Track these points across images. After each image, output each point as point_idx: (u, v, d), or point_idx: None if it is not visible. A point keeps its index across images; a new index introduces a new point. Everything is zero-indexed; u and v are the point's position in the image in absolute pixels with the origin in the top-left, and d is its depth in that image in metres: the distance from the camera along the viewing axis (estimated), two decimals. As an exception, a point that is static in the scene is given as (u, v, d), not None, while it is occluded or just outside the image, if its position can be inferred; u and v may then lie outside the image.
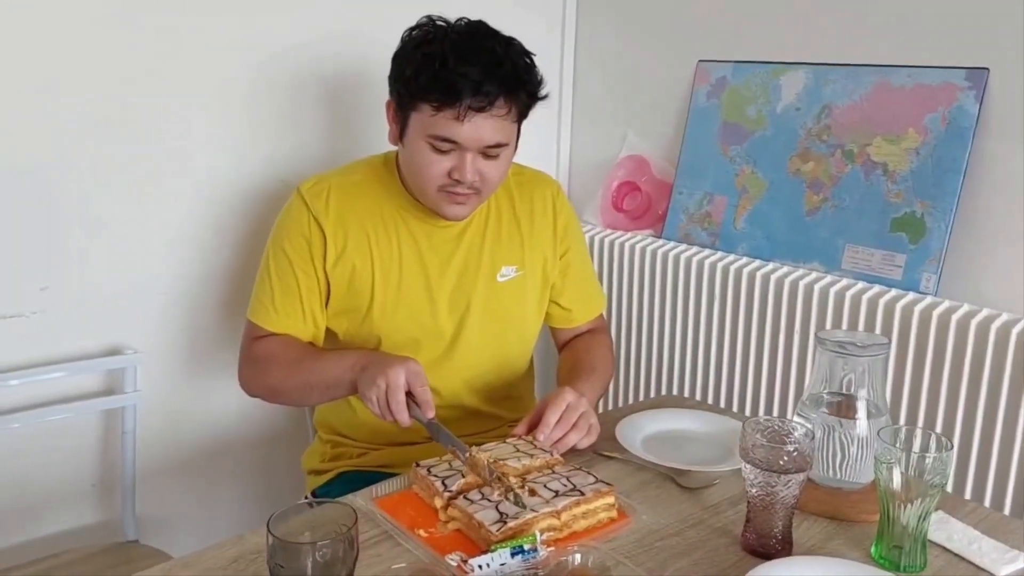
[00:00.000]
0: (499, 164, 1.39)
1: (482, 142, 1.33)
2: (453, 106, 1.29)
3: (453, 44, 1.30)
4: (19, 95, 1.52)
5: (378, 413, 1.28)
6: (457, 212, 1.41)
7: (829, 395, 1.21)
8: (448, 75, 1.28)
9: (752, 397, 1.91)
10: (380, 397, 1.26)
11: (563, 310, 1.61)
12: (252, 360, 1.48)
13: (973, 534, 1.10)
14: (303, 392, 1.45)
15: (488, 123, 1.32)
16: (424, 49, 1.32)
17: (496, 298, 1.52)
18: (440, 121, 1.31)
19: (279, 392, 1.48)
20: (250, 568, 1.01)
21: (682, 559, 1.06)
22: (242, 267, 1.81)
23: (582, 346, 1.61)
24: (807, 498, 1.16)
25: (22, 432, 1.60)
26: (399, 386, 1.25)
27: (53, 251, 1.61)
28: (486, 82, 1.29)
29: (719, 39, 2.04)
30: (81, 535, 1.73)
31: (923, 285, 1.66)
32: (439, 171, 1.35)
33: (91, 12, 1.56)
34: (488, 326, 1.52)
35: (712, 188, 2.03)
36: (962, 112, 1.64)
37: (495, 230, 1.52)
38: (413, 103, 1.34)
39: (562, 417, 1.29)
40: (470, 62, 1.28)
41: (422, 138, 1.34)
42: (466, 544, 1.06)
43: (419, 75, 1.30)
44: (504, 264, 1.52)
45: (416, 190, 1.43)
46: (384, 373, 1.26)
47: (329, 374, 1.39)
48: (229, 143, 1.77)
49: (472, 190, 1.38)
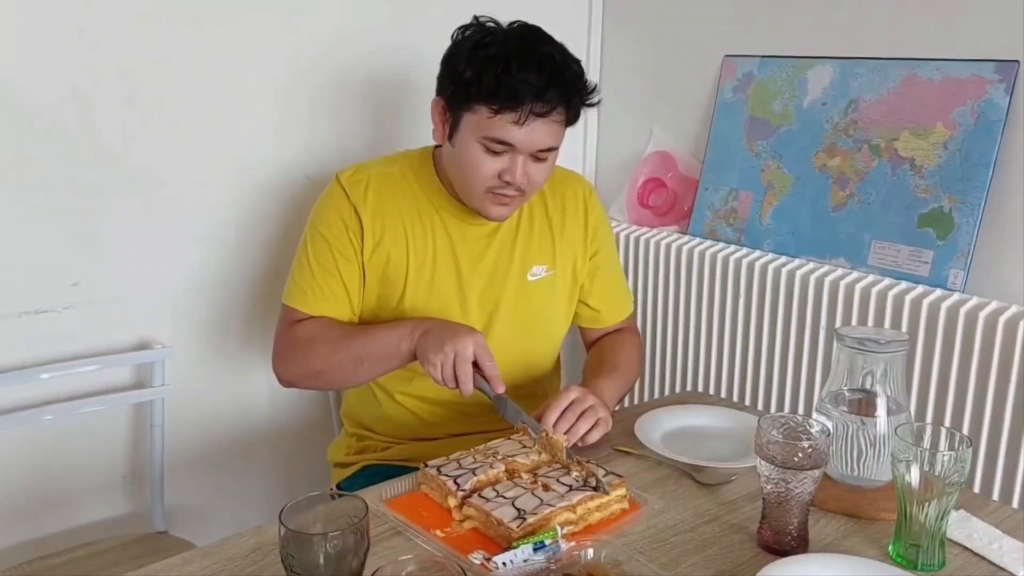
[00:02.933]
0: (546, 167, 1.41)
1: (536, 146, 1.35)
2: (515, 111, 1.30)
3: (514, 48, 1.32)
4: (50, 88, 1.55)
5: (439, 379, 1.29)
6: (501, 213, 1.43)
7: (849, 392, 1.20)
8: (511, 80, 1.29)
9: (777, 394, 1.89)
10: (446, 364, 1.27)
11: (591, 311, 1.62)
12: (292, 343, 1.45)
13: (994, 533, 1.08)
14: (352, 367, 1.41)
15: (544, 128, 1.34)
16: (483, 52, 1.33)
17: (526, 297, 1.53)
18: (498, 124, 1.32)
19: (323, 372, 1.43)
20: (268, 558, 1.02)
21: (696, 555, 1.05)
22: (270, 261, 1.84)
23: (608, 344, 1.61)
24: (825, 495, 1.15)
25: (54, 425, 1.64)
26: (467, 357, 1.26)
27: (84, 247, 1.64)
28: (549, 89, 1.31)
29: (745, 33, 2.03)
30: (111, 526, 1.77)
31: (951, 282, 1.64)
32: (489, 172, 1.36)
33: (133, 5, 1.59)
34: (516, 324, 1.52)
35: (738, 184, 2.02)
36: (991, 105, 1.61)
37: (527, 229, 1.53)
38: (469, 104, 1.34)
39: (566, 411, 1.29)
40: (533, 68, 1.30)
41: (475, 139, 1.35)
42: (484, 542, 1.07)
43: (481, 78, 1.31)
44: (535, 263, 1.53)
45: (462, 189, 1.43)
46: (452, 342, 1.27)
47: (382, 345, 1.38)
48: (259, 140, 1.80)
49: (518, 192, 1.39)
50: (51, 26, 1.52)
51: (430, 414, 1.53)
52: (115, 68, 1.60)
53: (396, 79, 1.93)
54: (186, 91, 1.69)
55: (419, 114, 1.62)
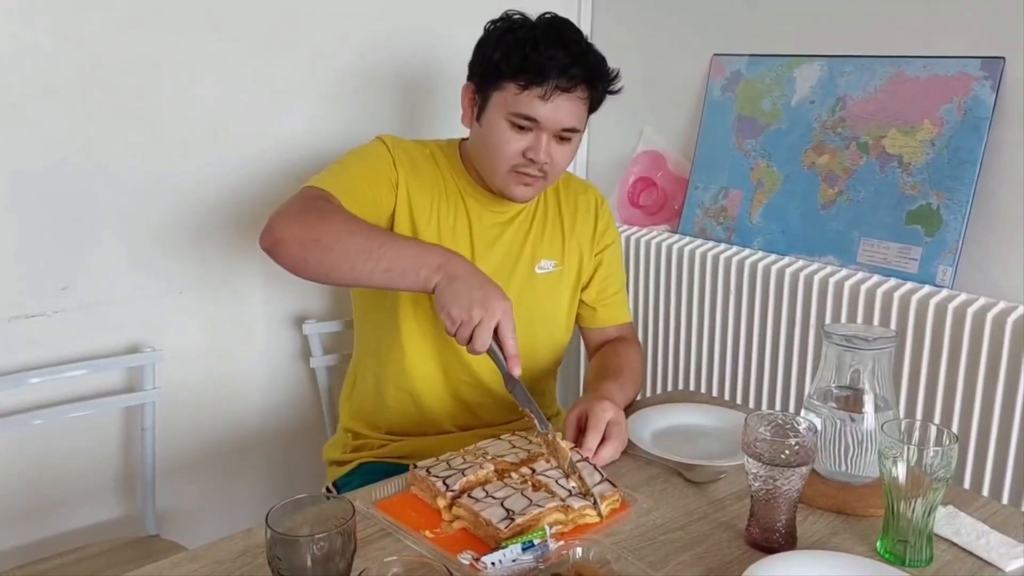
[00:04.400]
0: (568, 150, 1.45)
1: (560, 124, 1.40)
2: (541, 85, 1.36)
3: (543, 31, 1.40)
4: (38, 92, 1.55)
5: (451, 333, 1.22)
6: (525, 193, 1.46)
7: (837, 389, 1.20)
8: (538, 57, 1.36)
9: (768, 392, 1.90)
10: (466, 326, 1.20)
11: (587, 307, 1.63)
12: (310, 204, 1.33)
13: (982, 528, 1.09)
14: (357, 256, 1.26)
15: (568, 104, 1.39)
16: (512, 35, 1.40)
17: (532, 288, 1.55)
18: (525, 99, 1.37)
19: (323, 244, 1.27)
20: (257, 560, 1.02)
21: (685, 552, 1.06)
22: (261, 264, 1.84)
23: (611, 351, 1.61)
24: (814, 492, 1.16)
25: (44, 429, 1.64)
26: (492, 327, 1.20)
27: (74, 252, 1.64)
28: (573, 66, 1.37)
29: (734, 32, 2.03)
30: (103, 530, 1.76)
31: (939, 278, 1.64)
32: (514, 149, 1.41)
33: (123, 9, 1.59)
34: (520, 317, 1.51)
35: (727, 182, 2.02)
36: (978, 102, 1.62)
37: (540, 224, 1.57)
38: (498, 83, 1.40)
39: (605, 436, 1.27)
40: (558, 47, 1.37)
41: (503, 116, 1.40)
42: (473, 542, 1.07)
43: (509, 56, 1.38)
44: (544, 257, 1.56)
45: (487, 169, 1.47)
46: (481, 306, 1.19)
47: (403, 259, 1.25)
48: (247, 143, 1.80)
49: (541, 173, 1.43)
50: (39, 30, 1.52)
51: (428, 408, 1.54)
52: (104, 72, 1.60)
53: (389, 82, 1.93)
54: (175, 96, 1.69)
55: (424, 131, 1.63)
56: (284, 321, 1.92)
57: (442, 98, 2.02)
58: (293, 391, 1.97)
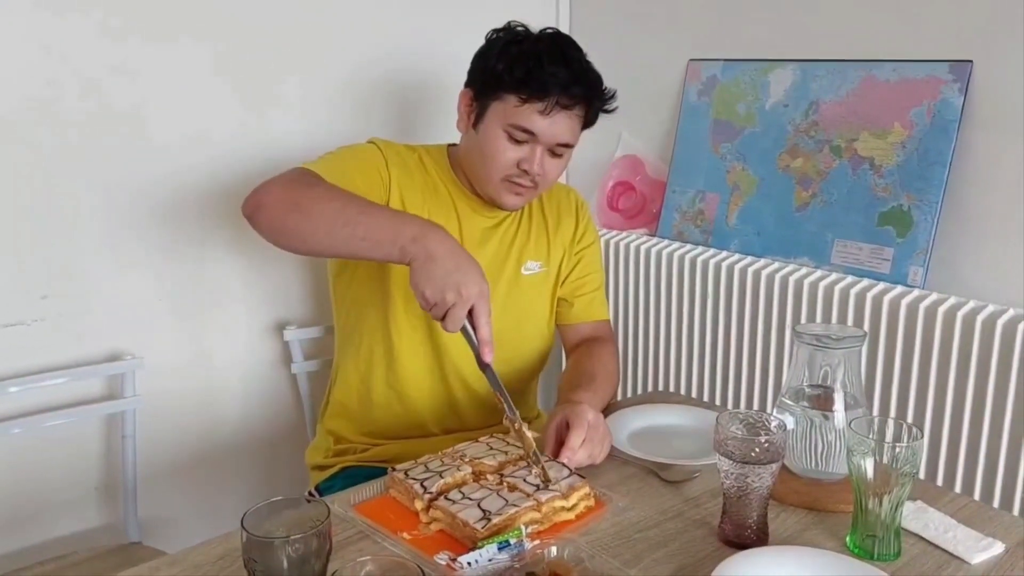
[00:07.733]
0: (560, 164, 1.48)
1: (556, 138, 1.43)
2: (542, 100, 1.39)
3: (547, 46, 1.42)
4: (18, 100, 1.56)
5: (426, 308, 1.22)
6: (515, 202, 1.49)
7: (809, 388, 1.22)
8: (541, 72, 1.38)
9: (746, 392, 1.92)
10: (440, 304, 1.19)
11: (563, 303, 1.64)
12: (294, 175, 1.35)
13: (949, 523, 1.11)
14: (334, 220, 1.26)
15: (566, 121, 1.42)
16: (516, 47, 1.42)
17: (518, 289, 1.57)
18: (524, 112, 1.40)
19: (304, 208, 1.27)
20: (235, 565, 1.03)
21: (658, 550, 1.07)
22: (242, 271, 1.85)
23: (584, 352, 1.62)
24: (786, 489, 1.18)
25: (24, 438, 1.64)
26: (464, 311, 1.20)
27: (53, 260, 1.64)
28: (575, 84, 1.41)
29: (709, 37, 2.06)
30: (85, 538, 1.76)
31: (911, 278, 1.67)
32: (508, 160, 1.43)
33: (100, 19, 1.60)
34: (506, 317, 1.54)
35: (704, 186, 2.05)
36: (947, 105, 1.65)
37: (527, 225, 1.60)
38: (498, 93, 1.41)
39: (585, 438, 1.27)
40: (561, 64, 1.40)
41: (500, 126, 1.42)
42: (450, 543, 1.08)
43: (513, 68, 1.40)
44: (530, 258, 1.59)
45: (479, 176, 1.48)
46: (456, 289, 1.19)
47: (379, 228, 1.25)
48: (230, 151, 1.80)
49: (532, 184, 1.46)
50: (17, 40, 1.53)
51: (415, 408, 1.55)
52: (82, 82, 1.61)
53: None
54: (155, 105, 1.69)
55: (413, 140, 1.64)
56: (265, 327, 1.93)
57: (435, 107, 2.04)
58: (275, 397, 1.97)
